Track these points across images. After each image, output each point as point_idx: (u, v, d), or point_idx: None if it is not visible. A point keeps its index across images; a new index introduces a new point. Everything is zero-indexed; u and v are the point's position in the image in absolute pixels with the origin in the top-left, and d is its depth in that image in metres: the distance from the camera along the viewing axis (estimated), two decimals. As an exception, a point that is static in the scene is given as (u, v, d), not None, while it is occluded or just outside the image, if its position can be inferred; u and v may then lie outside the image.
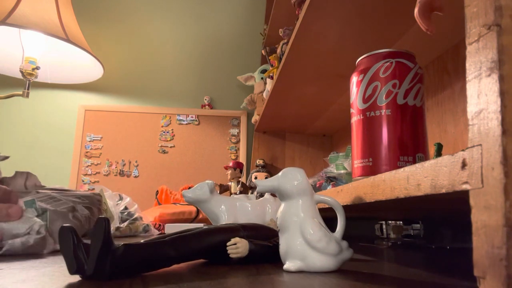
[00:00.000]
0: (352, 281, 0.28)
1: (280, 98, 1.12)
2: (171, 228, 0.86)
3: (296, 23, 0.75)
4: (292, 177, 0.34)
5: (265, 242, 0.38)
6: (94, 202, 0.68)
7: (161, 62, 1.67)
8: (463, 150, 0.20)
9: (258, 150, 1.49)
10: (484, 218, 0.18)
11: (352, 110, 0.46)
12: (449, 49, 0.73)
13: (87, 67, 1.41)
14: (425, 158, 0.41)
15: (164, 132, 1.59)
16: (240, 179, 1.30)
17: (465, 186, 0.19)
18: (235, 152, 1.60)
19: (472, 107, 0.19)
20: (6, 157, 0.58)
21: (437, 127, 0.75)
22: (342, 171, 0.70)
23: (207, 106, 1.64)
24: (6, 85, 1.52)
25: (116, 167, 1.53)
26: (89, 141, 1.54)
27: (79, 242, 0.27)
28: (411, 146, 0.41)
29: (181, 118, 1.61)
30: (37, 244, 0.49)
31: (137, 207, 0.94)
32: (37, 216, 0.54)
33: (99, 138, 1.55)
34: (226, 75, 1.69)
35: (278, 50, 1.14)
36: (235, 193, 1.24)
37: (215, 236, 0.36)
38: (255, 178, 1.35)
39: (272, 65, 1.26)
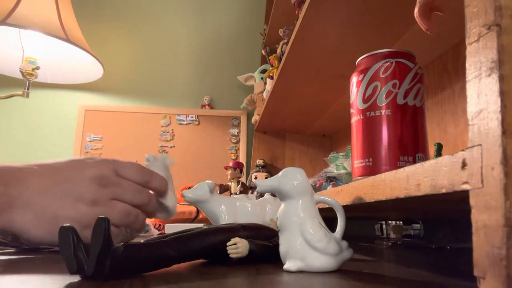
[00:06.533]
0: (352, 281, 0.28)
1: (280, 98, 1.12)
2: (171, 228, 0.86)
3: (296, 23, 0.75)
4: (292, 177, 0.34)
5: (265, 242, 0.38)
6: None
7: (161, 62, 1.67)
8: (463, 150, 0.20)
9: (258, 150, 1.49)
10: (484, 218, 0.18)
11: (352, 110, 0.46)
12: (449, 49, 0.73)
13: (87, 67, 1.41)
14: (425, 158, 0.41)
15: (164, 132, 1.59)
16: (240, 179, 1.30)
17: (465, 186, 0.19)
18: (235, 152, 1.60)
19: (472, 107, 0.19)
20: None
21: (437, 127, 0.75)
22: (342, 171, 0.70)
23: (207, 106, 1.64)
24: (6, 85, 1.52)
25: (116, 167, 1.53)
26: (89, 141, 1.54)
27: (79, 242, 0.27)
28: (411, 146, 0.41)
29: (181, 118, 1.61)
30: None
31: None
32: None
33: (99, 138, 1.55)
34: (226, 75, 1.69)
35: (278, 50, 1.14)
36: (235, 193, 1.24)
37: (215, 236, 0.36)
38: (255, 178, 1.35)
39: (272, 65, 1.26)
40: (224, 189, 1.29)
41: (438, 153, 0.54)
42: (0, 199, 0.38)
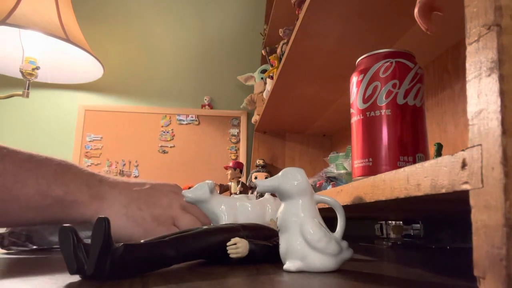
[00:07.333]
0: (352, 281, 0.28)
1: (280, 98, 1.12)
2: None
3: (296, 23, 0.75)
4: (292, 177, 0.34)
5: (265, 242, 0.38)
6: None
7: (161, 62, 1.67)
8: (463, 150, 0.20)
9: (258, 150, 1.49)
10: (484, 218, 0.18)
11: (352, 110, 0.46)
12: (449, 49, 0.73)
13: (87, 67, 1.41)
14: (425, 158, 0.41)
15: (164, 132, 1.59)
16: (240, 179, 1.30)
17: (465, 186, 0.19)
18: (235, 152, 1.60)
19: (472, 107, 0.19)
20: None
21: (437, 127, 0.75)
22: (342, 171, 0.70)
23: (207, 106, 1.64)
24: (6, 85, 1.52)
25: (116, 167, 1.53)
26: (89, 141, 1.54)
27: (79, 242, 0.27)
28: (411, 146, 0.41)
29: (181, 118, 1.61)
30: None
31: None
32: None
33: (99, 138, 1.55)
34: (226, 75, 1.69)
35: (278, 50, 1.14)
36: (235, 193, 1.24)
37: (215, 236, 0.36)
38: (255, 178, 1.35)
39: (272, 65, 1.26)
40: (224, 189, 1.29)
41: (438, 153, 0.54)
42: (94, 189, 0.47)
